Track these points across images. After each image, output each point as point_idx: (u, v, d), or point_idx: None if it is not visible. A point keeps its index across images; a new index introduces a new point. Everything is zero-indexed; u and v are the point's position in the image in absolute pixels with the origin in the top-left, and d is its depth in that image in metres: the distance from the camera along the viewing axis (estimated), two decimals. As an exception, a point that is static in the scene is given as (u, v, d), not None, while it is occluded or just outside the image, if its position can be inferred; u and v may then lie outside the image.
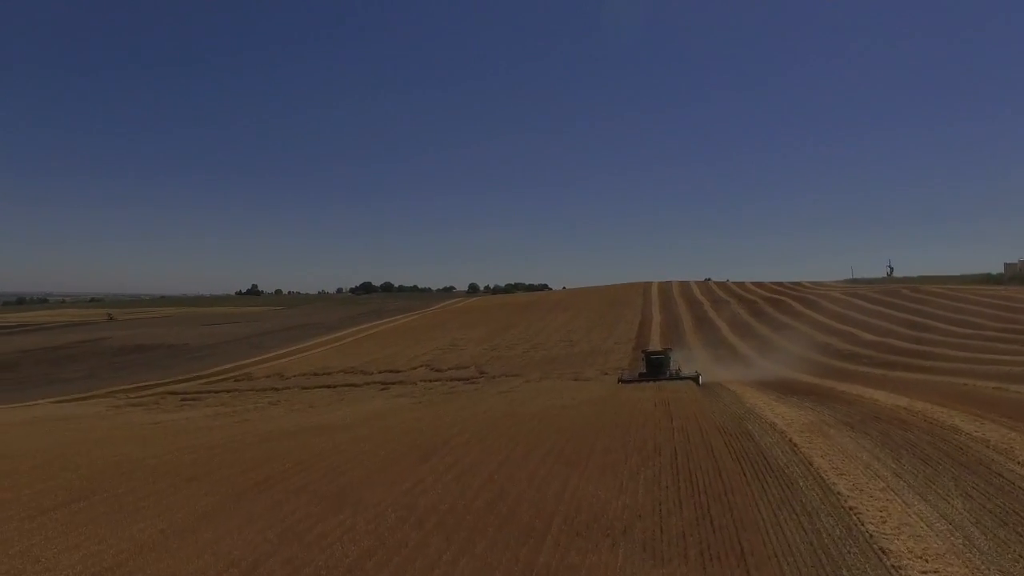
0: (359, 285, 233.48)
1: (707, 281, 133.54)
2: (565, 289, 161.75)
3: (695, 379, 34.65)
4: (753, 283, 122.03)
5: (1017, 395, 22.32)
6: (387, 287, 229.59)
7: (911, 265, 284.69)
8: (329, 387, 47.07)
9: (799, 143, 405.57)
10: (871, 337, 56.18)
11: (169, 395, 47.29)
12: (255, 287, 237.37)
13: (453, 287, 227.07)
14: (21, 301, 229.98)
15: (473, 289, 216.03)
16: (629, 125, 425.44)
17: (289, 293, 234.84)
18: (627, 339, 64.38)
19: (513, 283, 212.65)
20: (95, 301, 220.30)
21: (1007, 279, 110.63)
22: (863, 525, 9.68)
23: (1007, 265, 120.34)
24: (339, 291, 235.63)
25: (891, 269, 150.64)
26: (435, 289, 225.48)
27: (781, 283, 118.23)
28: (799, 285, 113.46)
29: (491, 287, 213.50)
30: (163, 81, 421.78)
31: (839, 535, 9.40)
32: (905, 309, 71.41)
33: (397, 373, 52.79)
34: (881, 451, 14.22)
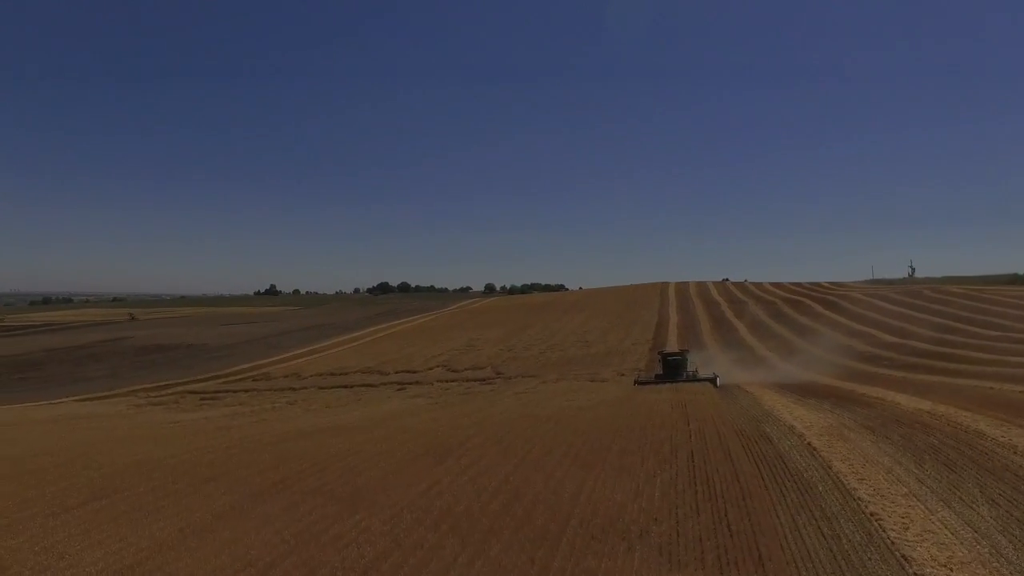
0: (376, 285, 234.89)
1: (725, 282, 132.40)
2: (582, 289, 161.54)
3: (712, 381, 34.34)
4: (772, 284, 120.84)
5: (1044, 399, 21.84)
6: (404, 287, 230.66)
7: (934, 265, 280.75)
8: (346, 387, 47.36)
9: (820, 142, 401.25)
10: (892, 339, 55.33)
11: (189, 394, 47.87)
12: (273, 287, 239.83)
13: (470, 287, 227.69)
14: (47, 301, 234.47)
15: (490, 289, 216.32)
16: (647, 125, 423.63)
17: (307, 293, 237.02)
18: (644, 340, 64.02)
19: (530, 283, 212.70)
20: (117, 301, 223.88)
21: None
22: (884, 532, 9.50)
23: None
24: (356, 291, 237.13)
25: (913, 269, 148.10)
26: (452, 289, 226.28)
27: (800, 283, 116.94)
28: (819, 286, 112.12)
29: (508, 287, 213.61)
30: (187, 87, 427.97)
31: (859, 541, 9.24)
32: (927, 310, 70.25)
33: (414, 373, 52.96)
34: (903, 456, 13.97)
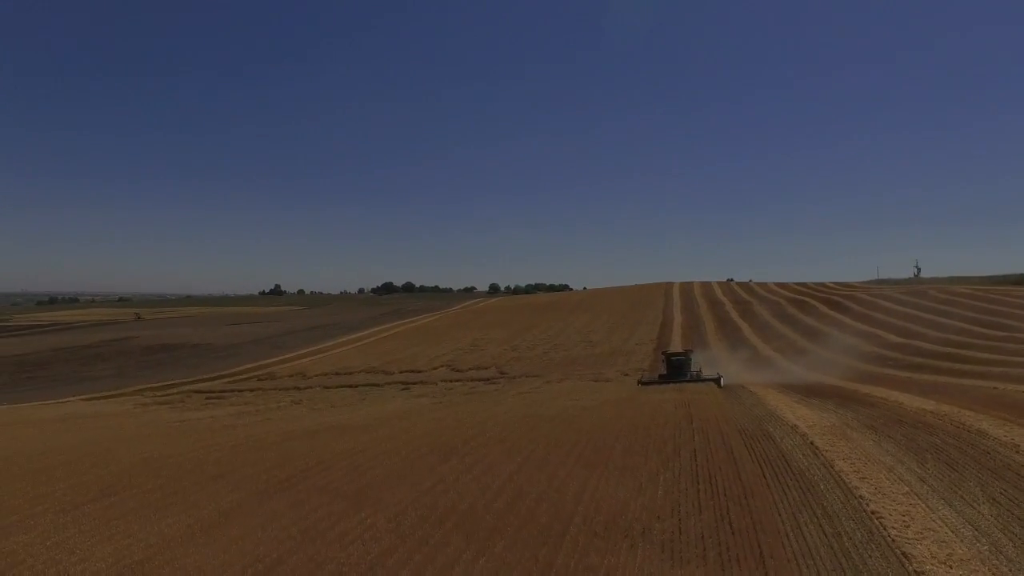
0: (380, 285, 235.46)
1: (729, 282, 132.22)
2: (586, 290, 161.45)
3: (716, 381, 34.34)
4: (777, 284, 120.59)
5: (1048, 399, 21.82)
6: (408, 287, 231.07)
7: (939, 266, 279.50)
8: (351, 387, 47.52)
9: (825, 142, 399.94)
10: (898, 339, 55.20)
11: (194, 394, 48.12)
12: (278, 287, 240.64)
13: (474, 287, 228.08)
14: (53, 301, 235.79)
15: (494, 289, 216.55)
16: (651, 126, 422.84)
17: (311, 293, 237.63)
18: (648, 340, 64.03)
19: (534, 283, 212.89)
20: (123, 301, 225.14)
21: None
22: (885, 529, 9.57)
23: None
24: (361, 291, 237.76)
25: (918, 269, 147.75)
26: (456, 289, 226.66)
27: (805, 284, 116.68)
28: (824, 286, 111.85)
29: (512, 287, 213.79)
30: (193, 86, 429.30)
31: (860, 539, 9.31)
32: (933, 311, 70.04)
33: (418, 373, 53.11)
34: (905, 455, 14.02)
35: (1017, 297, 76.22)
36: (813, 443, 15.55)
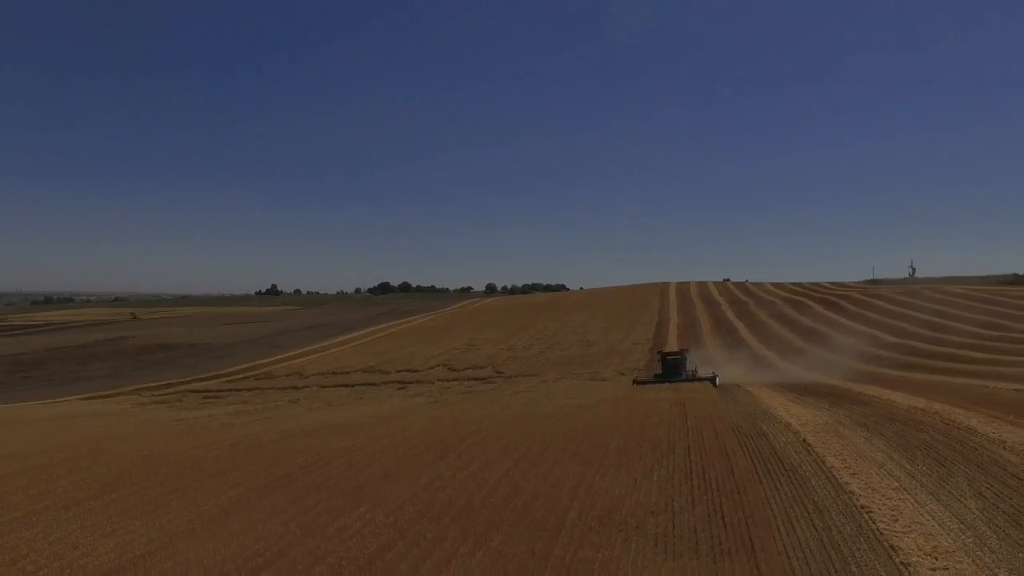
0: (377, 285, 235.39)
1: (725, 282, 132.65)
2: (583, 290, 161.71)
3: (712, 380, 34.58)
4: (773, 284, 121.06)
5: (1038, 397, 22.09)
6: (405, 287, 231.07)
7: (934, 266, 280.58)
8: (347, 386, 47.65)
9: (821, 142, 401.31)
10: (892, 339, 55.58)
11: (191, 393, 48.19)
12: (274, 287, 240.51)
13: (471, 287, 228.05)
14: (48, 301, 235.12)
15: (491, 289, 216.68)
16: (647, 126, 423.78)
17: (308, 293, 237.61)
18: (644, 340, 64.30)
19: (531, 284, 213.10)
20: (119, 301, 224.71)
21: None
22: (874, 523, 9.77)
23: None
24: (357, 291, 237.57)
25: (913, 270, 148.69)
26: (452, 289, 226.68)
27: (801, 284, 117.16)
28: (819, 286, 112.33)
29: (509, 288, 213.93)
30: (188, 86, 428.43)
31: (849, 532, 9.51)
32: (927, 310, 70.49)
33: (415, 373, 53.26)
34: (895, 451, 14.24)
35: (1011, 297, 76.75)
36: (806, 440, 15.76)
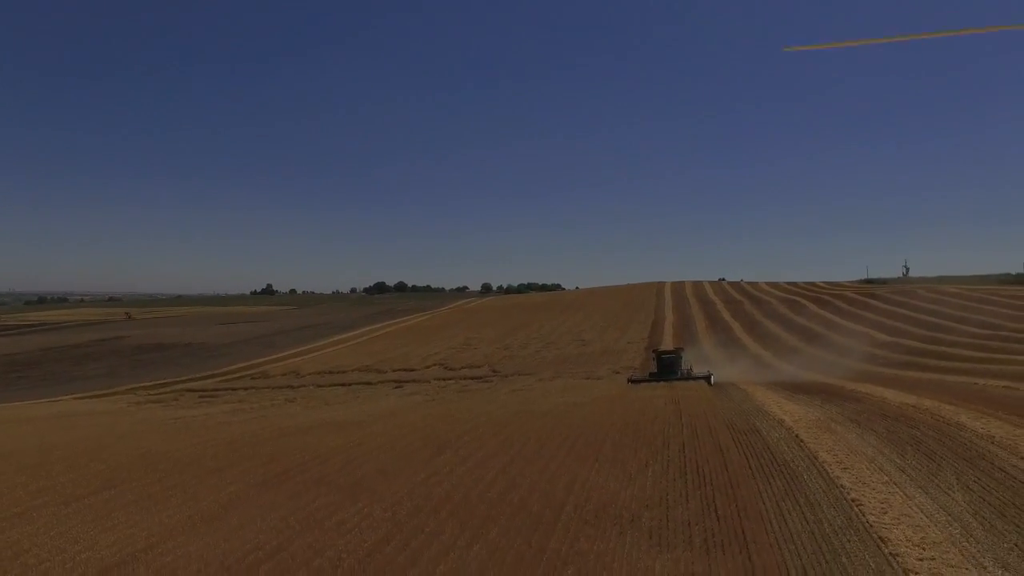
0: (373, 285, 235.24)
1: (720, 281, 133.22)
2: (578, 289, 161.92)
3: (707, 379, 34.77)
4: (767, 283, 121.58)
5: (1027, 394, 22.36)
6: (401, 287, 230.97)
7: (928, 265, 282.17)
8: (344, 385, 47.77)
9: (816, 143, 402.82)
10: (886, 338, 55.97)
11: (187, 392, 48.23)
12: (270, 287, 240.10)
13: (466, 287, 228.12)
14: (42, 300, 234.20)
15: (486, 289, 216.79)
16: (643, 127, 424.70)
17: (303, 293, 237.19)
18: (640, 339, 64.55)
19: (526, 283, 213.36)
20: (113, 300, 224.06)
21: None
22: (864, 516, 9.95)
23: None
24: (353, 291, 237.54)
25: (907, 269, 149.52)
26: (448, 289, 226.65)
27: (796, 283, 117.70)
28: (814, 285, 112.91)
29: (504, 287, 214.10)
30: (184, 85, 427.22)
31: (840, 525, 9.70)
32: (921, 310, 70.96)
33: (411, 372, 53.39)
34: (886, 447, 14.45)
35: (1003, 296, 77.31)
36: (798, 436, 15.96)
